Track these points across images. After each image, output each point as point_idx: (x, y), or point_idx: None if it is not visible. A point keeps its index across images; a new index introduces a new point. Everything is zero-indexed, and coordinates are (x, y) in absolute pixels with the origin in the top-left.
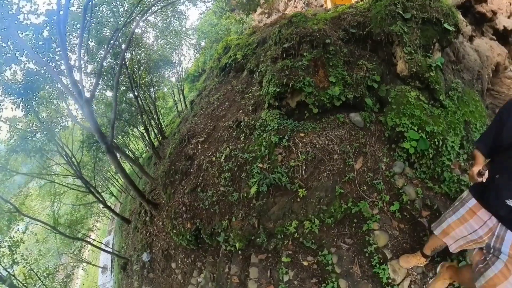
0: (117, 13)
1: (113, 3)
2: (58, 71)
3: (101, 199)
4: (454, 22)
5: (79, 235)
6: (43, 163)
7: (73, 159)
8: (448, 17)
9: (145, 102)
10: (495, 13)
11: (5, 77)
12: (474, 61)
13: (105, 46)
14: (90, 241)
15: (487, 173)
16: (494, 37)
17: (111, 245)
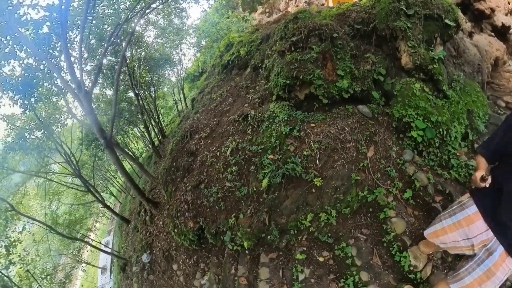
0: (119, 10)
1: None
2: (57, 67)
3: (100, 199)
4: (454, 18)
5: (78, 235)
6: (41, 161)
7: (72, 157)
8: (448, 13)
9: (145, 101)
10: (493, 11)
11: (3, 73)
12: (474, 55)
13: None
14: (88, 242)
15: (490, 178)
16: (492, 34)
17: (110, 246)
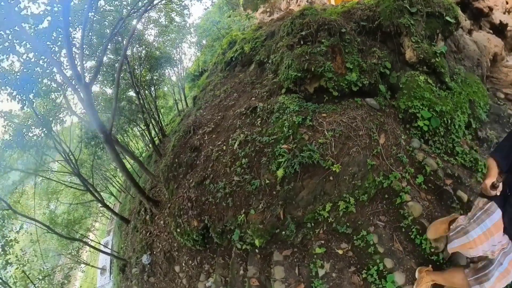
0: (120, 7)
1: None
2: (57, 62)
3: (99, 198)
4: (454, 15)
5: (77, 236)
6: (40, 159)
7: (71, 156)
8: (449, 11)
9: (145, 100)
10: (491, 9)
11: (1, 68)
12: (473, 51)
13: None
14: (87, 242)
15: (501, 185)
16: (491, 31)
17: (110, 246)
